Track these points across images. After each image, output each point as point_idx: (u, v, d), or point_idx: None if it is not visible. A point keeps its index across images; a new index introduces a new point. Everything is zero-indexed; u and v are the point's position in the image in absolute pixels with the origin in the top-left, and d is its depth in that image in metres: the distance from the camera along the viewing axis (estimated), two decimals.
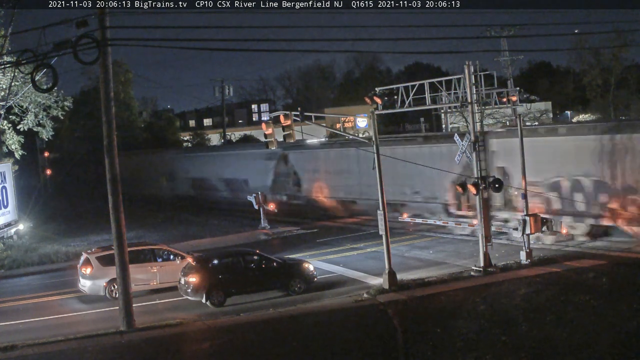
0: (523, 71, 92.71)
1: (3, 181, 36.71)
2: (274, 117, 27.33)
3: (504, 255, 26.97)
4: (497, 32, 61.71)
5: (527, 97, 27.12)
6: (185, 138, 78.94)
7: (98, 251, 25.78)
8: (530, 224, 25.26)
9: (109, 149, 20.43)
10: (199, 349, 19.03)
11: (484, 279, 23.75)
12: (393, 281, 23.37)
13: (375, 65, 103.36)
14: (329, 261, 29.01)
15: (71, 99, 37.00)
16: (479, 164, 24.74)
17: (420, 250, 30.21)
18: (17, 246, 35.04)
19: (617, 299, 20.15)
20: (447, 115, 50.91)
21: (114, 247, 20.68)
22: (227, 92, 72.79)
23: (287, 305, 22.37)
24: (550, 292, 21.32)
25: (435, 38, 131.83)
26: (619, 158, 26.88)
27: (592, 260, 25.18)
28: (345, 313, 21.15)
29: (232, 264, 24.07)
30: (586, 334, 17.57)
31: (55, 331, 20.43)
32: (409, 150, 35.01)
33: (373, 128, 24.26)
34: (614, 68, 64.81)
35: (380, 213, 24.03)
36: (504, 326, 18.69)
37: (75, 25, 18.37)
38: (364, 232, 35.05)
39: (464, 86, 24.99)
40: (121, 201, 20.57)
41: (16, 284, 29.17)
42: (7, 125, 36.49)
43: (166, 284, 24.82)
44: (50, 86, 22.13)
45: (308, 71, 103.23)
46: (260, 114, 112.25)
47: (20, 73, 29.25)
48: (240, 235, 37.26)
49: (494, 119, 56.11)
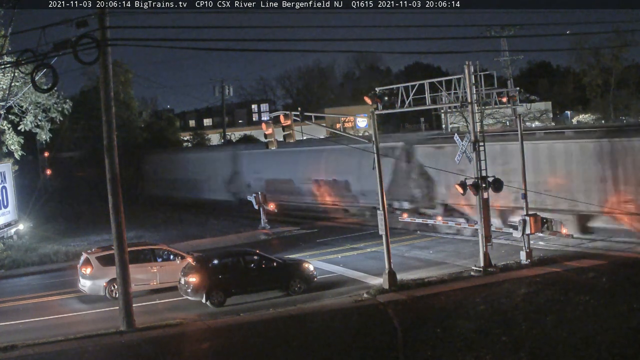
0: (523, 71, 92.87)
1: (3, 181, 36.73)
2: (274, 117, 27.36)
3: (504, 255, 26.96)
4: (497, 32, 61.75)
5: (527, 97, 27.13)
6: (185, 138, 78.93)
7: (98, 251, 25.80)
8: (530, 224, 25.28)
9: (109, 149, 20.44)
10: (199, 349, 19.02)
11: (484, 279, 23.75)
12: (393, 281, 23.38)
13: (375, 65, 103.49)
14: (329, 261, 29.01)
15: (71, 102, 36.99)
16: (478, 164, 24.74)
17: (420, 250, 30.21)
18: (17, 246, 35.07)
19: (617, 299, 20.14)
20: (447, 115, 50.96)
21: (114, 247, 20.70)
22: (227, 92, 72.80)
23: (287, 305, 22.37)
24: (550, 292, 21.31)
25: (435, 38, 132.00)
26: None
27: (592, 260, 25.18)
28: (345, 313, 21.14)
29: (232, 264, 24.08)
30: (586, 334, 17.55)
31: (55, 331, 20.45)
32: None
33: (373, 128, 24.28)
34: (614, 68, 64.85)
35: (380, 213, 24.06)
36: (504, 326, 18.66)
37: (75, 25, 18.39)
38: (364, 232, 35.05)
39: (464, 86, 24.99)
40: (121, 201, 20.58)
41: (16, 284, 29.18)
42: (7, 126, 36.49)
43: (166, 284, 24.84)
44: (50, 86, 22.12)
45: (308, 71, 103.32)
46: (260, 114, 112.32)
47: (21, 73, 29.25)
48: (240, 235, 37.28)
49: (494, 119, 56.19)
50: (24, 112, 35.92)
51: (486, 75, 27.07)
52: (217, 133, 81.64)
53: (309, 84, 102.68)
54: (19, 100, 35.08)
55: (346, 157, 37.13)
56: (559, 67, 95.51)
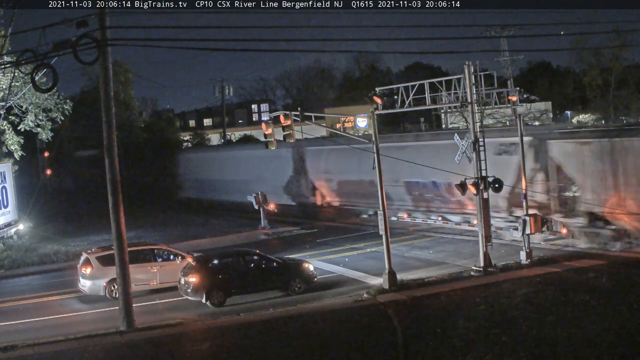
0: (523, 71, 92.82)
1: (3, 181, 36.72)
2: (274, 117, 27.35)
3: (504, 255, 26.96)
4: (497, 32, 61.82)
5: (527, 97, 27.12)
6: (185, 138, 78.94)
7: (98, 251, 25.78)
8: (530, 224, 25.28)
9: (109, 149, 20.43)
10: (199, 349, 19.02)
11: (484, 279, 23.75)
12: (393, 281, 23.37)
13: (375, 65, 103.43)
14: (329, 261, 29.01)
15: (71, 103, 36.98)
16: (478, 164, 24.74)
17: (420, 250, 30.21)
18: (17, 246, 35.03)
19: (617, 299, 20.15)
20: (447, 115, 50.98)
21: (114, 247, 20.68)
22: (227, 92, 72.73)
23: (287, 305, 22.37)
24: (550, 292, 21.31)
25: (435, 38, 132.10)
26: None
27: (592, 260, 25.18)
28: (346, 313, 21.15)
29: (232, 264, 24.08)
30: (586, 334, 17.56)
31: (55, 331, 20.44)
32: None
33: (373, 128, 24.26)
34: (614, 68, 64.80)
35: (380, 213, 24.05)
36: (504, 326, 18.68)
37: (75, 25, 18.36)
38: (364, 232, 35.05)
39: (464, 86, 24.99)
40: (121, 201, 20.57)
41: (16, 284, 29.16)
42: (7, 126, 36.49)
43: (166, 284, 24.82)
44: (50, 86, 22.11)
45: (308, 71, 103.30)
46: (260, 114, 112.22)
47: (21, 73, 29.24)
48: (240, 235, 37.27)
49: (494, 119, 56.15)
50: (24, 112, 35.92)
51: (486, 75, 27.07)
52: (217, 133, 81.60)
53: (309, 84, 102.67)
54: (19, 101, 35.08)
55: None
56: (559, 67, 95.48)
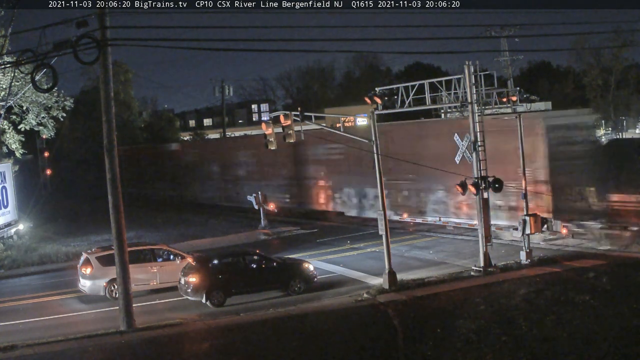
0: (523, 71, 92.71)
1: (3, 181, 36.73)
2: (274, 117, 27.35)
3: (504, 255, 26.97)
4: (497, 32, 61.72)
5: (527, 97, 27.16)
6: (185, 138, 79.00)
7: (98, 251, 25.79)
8: (530, 224, 25.28)
9: (109, 149, 20.43)
10: (199, 349, 19.02)
11: (484, 279, 23.76)
12: (393, 281, 23.38)
13: (375, 65, 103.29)
14: (329, 261, 29.01)
15: (72, 99, 37.00)
16: (478, 164, 24.74)
17: (420, 250, 30.21)
18: (17, 246, 35.04)
19: (617, 299, 20.15)
20: (447, 115, 50.88)
21: (114, 247, 20.69)
22: (227, 92, 72.77)
23: (287, 305, 22.37)
24: (550, 292, 21.31)
25: (435, 38, 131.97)
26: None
27: (592, 260, 25.20)
28: (345, 313, 21.15)
29: (232, 264, 24.09)
30: (586, 334, 17.56)
31: (55, 331, 20.45)
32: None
33: (373, 128, 24.27)
34: (614, 68, 64.77)
35: (380, 213, 24.05)
36: (504, 326, 18.67)
37: (75, 25, 18.35)
38: (364, 232, 35.06)
39: (464, 86, 25.01)
40: (121, 201, 20.57)
41: (16, 284, 29.17)
42: (7, 125, 36.51)
43: (166, 284, 24.84)
44: (50, 86, 22.12)
45: (308, 71, 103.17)
46: (260, 114, 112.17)
47: (21, 73, 29.26)
48: (240, 235, 37.28)
49: None
50: (25, 111, 35.94)
51: (486, 75, 27.09)
52: (217, 133, 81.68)
53: (309, 84, 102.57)
54: (19, 100, 35.11)
55: None
56: (559, 67, 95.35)
